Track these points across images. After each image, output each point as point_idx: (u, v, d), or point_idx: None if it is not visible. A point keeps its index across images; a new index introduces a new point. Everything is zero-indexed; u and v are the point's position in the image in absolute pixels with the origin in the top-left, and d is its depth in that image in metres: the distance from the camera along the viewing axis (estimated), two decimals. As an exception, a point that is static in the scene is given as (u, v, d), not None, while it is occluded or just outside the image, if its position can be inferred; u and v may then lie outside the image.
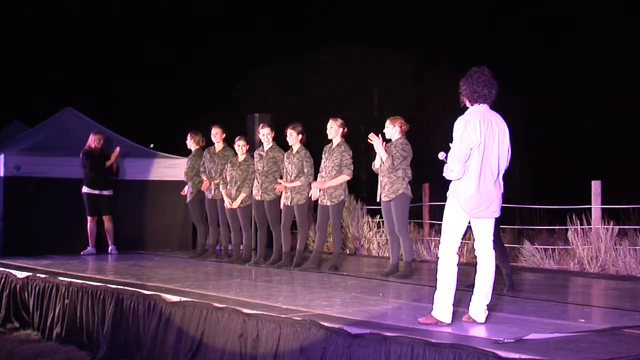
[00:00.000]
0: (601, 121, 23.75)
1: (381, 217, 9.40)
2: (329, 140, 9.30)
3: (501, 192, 5.83)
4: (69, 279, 8.32)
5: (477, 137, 5.65)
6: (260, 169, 9.85)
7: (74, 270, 9.21)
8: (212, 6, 25.96)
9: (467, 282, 6.74)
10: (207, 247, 11.30)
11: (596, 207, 10.21)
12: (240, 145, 10.29)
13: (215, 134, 10.88)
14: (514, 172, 6.22)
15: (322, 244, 9.52)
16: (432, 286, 6.22)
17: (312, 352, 5.52)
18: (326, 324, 5.58)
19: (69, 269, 9.26)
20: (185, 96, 25.32)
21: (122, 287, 7.66)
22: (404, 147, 8.57)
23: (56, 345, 8.01)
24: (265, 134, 9.88)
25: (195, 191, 11.22)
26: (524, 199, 13.11)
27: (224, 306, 6.45)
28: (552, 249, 10.58)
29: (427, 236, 12.05)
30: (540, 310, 6.51)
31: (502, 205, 5.87)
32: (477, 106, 5.81)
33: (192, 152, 11.34)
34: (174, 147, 12.24)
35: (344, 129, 9.25)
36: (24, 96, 23.62)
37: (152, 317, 7.05)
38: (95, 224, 11.46)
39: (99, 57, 24.96)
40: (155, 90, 25.28)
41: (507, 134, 5.83)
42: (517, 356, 4.60)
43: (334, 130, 9.22)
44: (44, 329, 8.37)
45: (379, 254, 11.95)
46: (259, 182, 9.84)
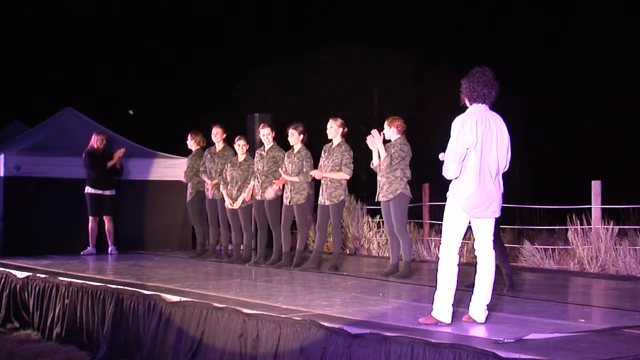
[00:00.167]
0: (601, 121, 23.74)
1: (381, 217, 9.40)
2: (329, 140, 9.31)
3: (501, 192, 5.83)
4: (69, 279, 8.32)
5: (473, 137, 5.65)
6: (260, 169, 9.84)
7: (74, 270, 9.21)
8: (212, 6, 25.96)
9: (467, 282, 6.74)
10: (207, 247, 11.31)
11: (596, 207, 10.22)
12: (240, 145, 10.30)
13: (215, 134, 10.88)
14: (514, 172, 6.20)
15: (322, 244, 9.52)
16: (432, 286, 6.22)
17: (312, 352, 5.52)
18: (326, 324, 5.58)
19: (69, 269, 9.26)
20: (185, 96, 25.31)
21: (122, 287, 7.66)
22: (402, 147, 8.58)
23: (56, 345, 8.01)
24: (265, 134, 9.88)
25: (194, 191, 11.22)
26: (524, 199, 13.11)
27: (224, 306, 6.45)
28: (552, 249, 10.58)
29: (427, 236, 12.05)
30: (540, 310, 6.51)
31: (502, 205, 5.88)
32: (476, 106, 5.82)
33: (192, 152, 11.35)
34: (174, 147, 12.23)
35: (344, 128, 9.26)
36: (24, 96, 23.61)
37: (152, 317, 7.05)
38: (96, 224, 11.46)
39: (99, 57, 24.94)
40: (155, 90, 25.27)
41: (506, 135, 5.82)
42: (517, 356, 4.60)
43: (334, 130, 9.23)
44: (44, 329, 8.37)
45: (379, 254, 11.95)
46: (259, 182, 9.84)
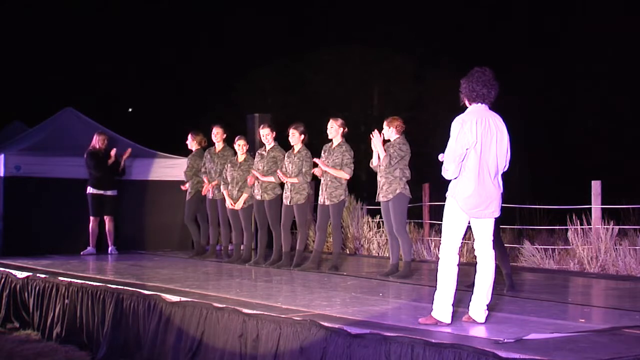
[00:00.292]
0: (601, 121, 23.73)
1: (381, 217, 9.40)
2: (329, 140, 9.31)
3: (500, 192, 5.83)
4: (69, 279, 8.32)
5: (472, 137, 5.65)
6: (260, 169, 9.84)
7: (74, 270, 9.21)
8: (212, 6, 25.95)
9: (467, 282, 6.74)
10: (207, 247, 11.31)
11: (596, 207, 10.21)
12: (240, 145, 10.30)
13: (216, 134, 10.88)
14: (514, 172, 6.21)
15: (322, 244, 9.52)
16: (432, 286, 6.22)
17: (312, 352, 5.52)
18: (326, 324, 5.58)
19: (69, 269, 9.26)
20: (185, 96, 25.31)
21: (122, 287, 7.66)
22: (401, 146, 8.58)
23: (56, 345, 8.01)
24: (265, 135, 9.88)
25: (194, 191, 11.23)
26: (524, 199, 13.11)
27: (224, 306, 6.45)
28: (552, 249, 10.58)
29: (427, 236, 12.05)
30: (540, 310, 6.51)
31: (502, 205, 5.87)
32: (475, 106, 5.82)
33: (193, 152, 11.36)
34: (174, 147, 12.23)
35: (344, 128, 9.26)
36: (24, 96, 23.61)
37: (152, 317, 7.05)
38: (97, 225, 11.46)
39: (99, 57, 24.94)
40: (155, 90, 25.26)
41: (506, 135, 5.82)
42: (517, 356, 4.60)
43: (334, 130, 9.23)
44: (44, 329, 8.37)
45: (379, 254, 11.95)
46: (259, 182, 9.84)
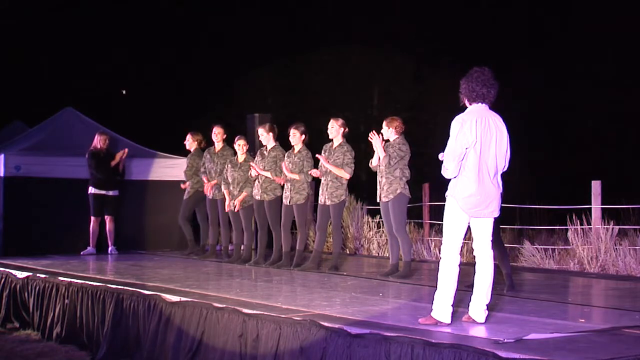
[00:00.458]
0: (601, 121, 23.73)
1: (381, 217, 9.40)
2: (329, 140, 9.31)
3: (500, 192, 5.83)
4: (69, 279, 8.32)
5: (472, 137, 5.66)
6: (260, 169, 9.84)
7: (74, 270, 9.21)
8: (212, 6, 25.94)
9: (467, 282, 6.73)
10: (207, 247, 11.31)
11: (596, 207, 10.21)
12: (240, 145, 10.30)
13: (217, 133, 10.89)
14: (514, 172, 6.20)
15: (322, 244, 9.52)
16: (432, 286, 6.22)
17: (312, 352, 5.52)
18: (326, 324, 5.58)
19: (69, 269, 9.26)
20: (185, 96, 25.30)
21: (122, 287, 7.66)
22: (401, 147, 8.58)
23: (56, 345, 8.02)
24: (260, 134, 9.91)
25: (192, 190, 11.25)
26: (524, 199, 13.09)
27: (224, 306, 6.45)
28: (552, 249, 10.58)
29: (427, 236, 12.05)
30: (540, 310, 6.51)
31: (502, 205, 5.88)
32: (475, 105, 5.82)
33: (192, 152, 11.38)
34: (174, 147, 12.23)
35: (344, 128, 9.26)
36: (24, 96, 23.59)
37: (152, 317, 7.05)
38: (98, 225, 11.46)
39: (99, 57, 24.93)
40: (155, 90, 25.25)
41: (506, 135, 5.82)
42: (517, 356, 4.60)
43: (335, 130, 9.23)
44: (44, 329, 8.37)
45: (379, 254, 11.94)
46: (259, 182, 9.84)
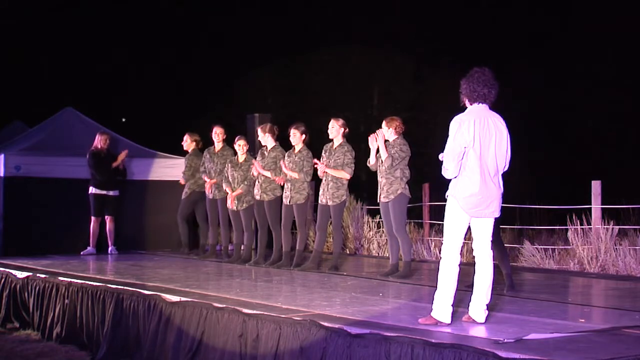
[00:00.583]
0: (601, 121, 23.74)
1: (381, 217, 9.40)
2: (329, 140, 9.31)
3: (501, 192, 5.83)
4: (69, 279, 8.32)
5: (470, 136, 5.66)
6: (261, 168, 9.83)
7: (74, 270, 9.21)
8: (212, 6, 25.95)
9: (467, 282, 6.73)
10: (207, 247, 11.32)
11: (596, 207, 10.21)
12: (240, 145, 10.30)
13: (217, 133, 10.90)
14: (514, 172, 6.20)
15: (322, 244, 9.52)
16: (432, 286, 6.22)
17: (312, 352, 5.52)
18: (326, 324, 5.58)
19: (69, 269, 9.26)
20: (185, 96, 25.30)
21: (122, 287, 7.66)
22: (402, 147, 8.58)
23: (56, 345, 8.02)
24: (259, 135, 9.91)
25: (189, 191, 11.28)
26: (524, 199, 13.09)
27: (224, 306, 6.45)
28: (552, 249, 10.58)
29: (427, 236, 12.05)
30: (540, 310, 6.51)
31: (502, 205, 5.87)
32: (475, 106, 5.82)
33: (189, 152, 11.40)
34: (174, 147, 12.24)
35: (345, 129, 9.25)
36: (24, 96, 23.59)
37: (152, 317, 7.05)
38: (98, 225, 11.46)
39: (99, 57, 24.94)
40: (155, 90, 25.25)
41: (506, 135, 5.82)
42: (517, 356, 4.60)
43: (335, 130, 9.23)
44: (44, 329, 8.37)
45: (379, 254, 11.94)
46: (259, 182, 9.83)
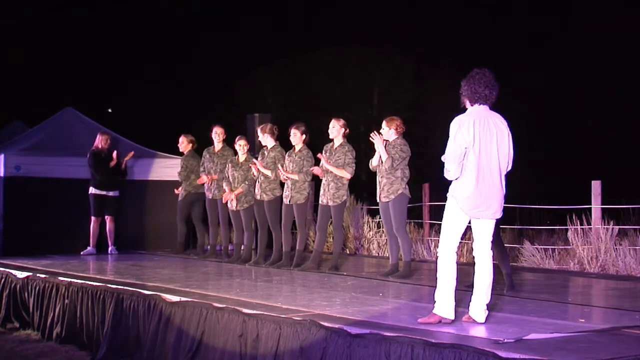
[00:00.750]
0: (601, 121, 23.74)
1: (381, 217, 9.40)
2: (329, 140, 9.31)
3: (503, 193, 5.82)
4: (69, 279, 8.32)
5: (470, 137, 5.66)
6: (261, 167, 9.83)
7: (74, 270, 9.21)
8: (212, 6, 25.95)
9: (467, 282, 6.74)
10: (207, 247, 11.32)
11: (596, 207, 10.21)
12: (241, 145, 10.30)
13: (218, 133, 10.92)
14: (514, 172, 6.20)
15: (323, 244, 9.52)
16: (432, 286, 6.22)
17: (312, 352, 5.52)
18: (326, 324, 5.58)
19: (69, 269, 9.26)
20: (185, 96, 25.30)
21: (122, 287, 7.66)
22: (402, 147, 8.58)
23: (56, 345, 8.02)
24: (259, 135, 9.91)
25: (185, 192, 11.31)
26: (524, 199, 13.10)
27: (224, 306, 6.45)
28: (552, 249, 10.58)
29: (427, 236, 12.04)
30: (540, 310, 6.51)
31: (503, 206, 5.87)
32: (476, 106, 5.82)
33: (185, 153, 11.42)
34: (174, 147, 12.25)
35: (346, 129, 9.25)
36: (24, 96, 23.60)
37: (152, 317, 7.05)
38: (98, 225, 11.46)
39: (99, 57, 24.94)
40: (155, 90, 25.26)
41: (507, 135, 5.82)
42: (517, 356, 4.60)
43: (336, 130, 9.23)
44: (44, 329, 8.37)
45: (379, 254, 11.94)
46: (259, 182, 9.84)
